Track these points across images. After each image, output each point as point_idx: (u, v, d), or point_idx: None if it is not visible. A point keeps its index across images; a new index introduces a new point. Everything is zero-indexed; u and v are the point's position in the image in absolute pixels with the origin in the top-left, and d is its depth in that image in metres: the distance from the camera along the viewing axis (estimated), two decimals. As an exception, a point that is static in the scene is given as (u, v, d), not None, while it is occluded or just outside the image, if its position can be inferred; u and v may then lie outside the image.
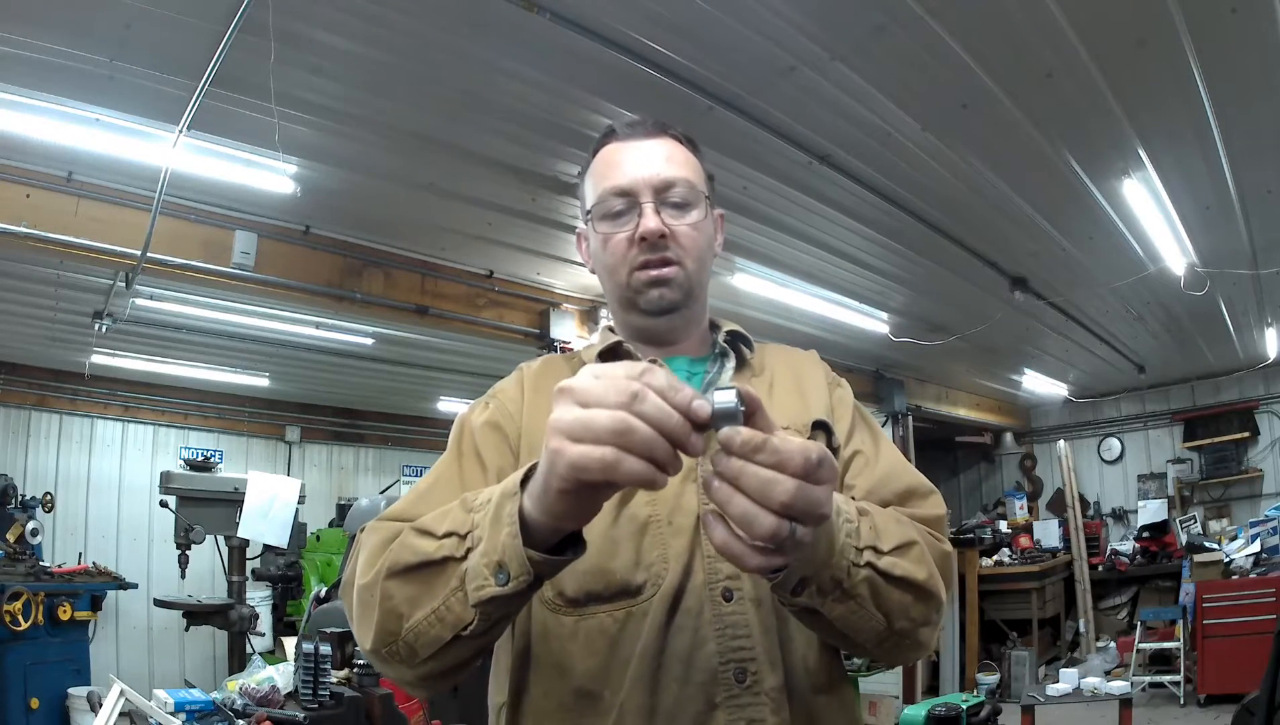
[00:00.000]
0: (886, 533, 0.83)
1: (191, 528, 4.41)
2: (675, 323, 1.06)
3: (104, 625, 5.88)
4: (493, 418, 1.01)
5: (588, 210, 1.07)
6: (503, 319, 4.98)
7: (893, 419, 7.52)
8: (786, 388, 1.07)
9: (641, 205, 1.01)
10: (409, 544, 0.78)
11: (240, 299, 4.76)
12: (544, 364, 1.12)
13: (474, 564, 0.72)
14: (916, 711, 3.95)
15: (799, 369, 1.12)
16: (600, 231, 1.05)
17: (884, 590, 0.81)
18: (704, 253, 1.06)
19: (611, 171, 1.04)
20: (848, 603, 0.79)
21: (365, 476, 8.67)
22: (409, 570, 0.77)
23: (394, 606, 0.78)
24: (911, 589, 0.83)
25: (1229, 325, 6.52)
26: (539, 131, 3.35)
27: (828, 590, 0.77)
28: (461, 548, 0.74)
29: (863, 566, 0.79)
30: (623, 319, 1.10)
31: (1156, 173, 3.86)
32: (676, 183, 1.02)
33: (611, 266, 1.04)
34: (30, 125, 3.00)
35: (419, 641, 0.77)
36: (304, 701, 2.55)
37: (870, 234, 4.52)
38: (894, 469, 1.02)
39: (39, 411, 6.59)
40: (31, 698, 4.54)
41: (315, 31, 2.69)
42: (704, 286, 1.09)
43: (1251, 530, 6.95)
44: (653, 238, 1.00)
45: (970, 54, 2.94)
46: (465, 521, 0.75)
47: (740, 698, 0.87)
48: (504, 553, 0.70)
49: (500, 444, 0.99)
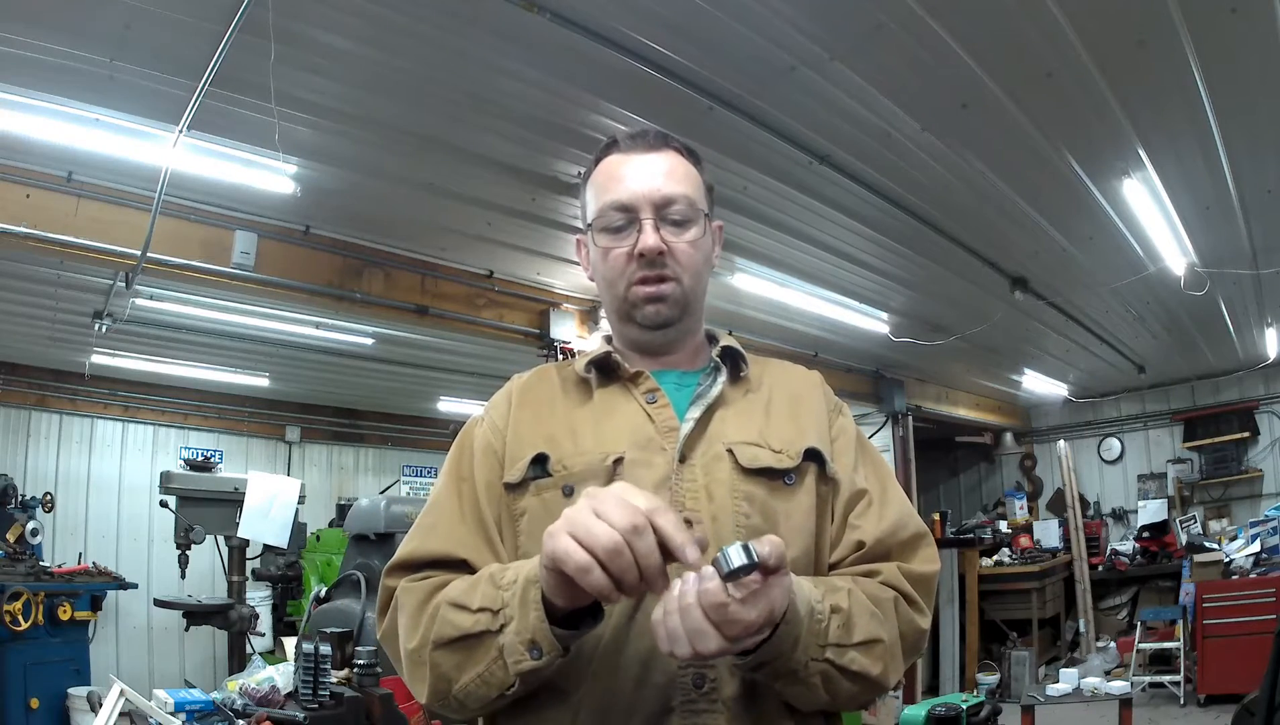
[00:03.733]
0: (858, 627, 0.88)
1: (191, 528, 4.40)
2: (670, 337, 1.09)
3: (104, 625, 5.87)
4: (485, 439, 1.06)
5: (589, 222, 1.09)
6: (503, 319, 4.98)
7: (893, 419, 7.51)
8: (782, 410, 1.07)
9: (641, 221, 1.03)
10: (448, 619, 0.88)
11: (240, 299, 4.76)
12: (534, 376, 1.14)
13: (510, 642, 0.83)
14: (916, 711, 3.95)
15: (798, 391, 1.11)
16: (600, 244, 1.07)
17: (836, 680, 0.87)
18: (701, 268, 1.08)
19: (613, 185, 1.06)
20: (797, 686, 0.86)
21: (365, 476, 8.67)
22: (452, 643, 0.88)
23: (443, 673, 0.89)
24: (863, 682, 0.89)
25: (1229, 325, 6.52)
26: (539, 131, 3.35)
27: (781, 675, 0.84)
28: (495, 623, 0.85)
29: (821, 661, 0.85)
30: (619, 329, 1.12)
31: (1156, 173, 3.86)
32: (676, 200, 1.04)
33: (610, 279, 1.07)
34: (30, 125, 3.01)
35: (469, 699, 0.89)
36: (304, 701, 2.54)
37: (870, 234, 4.52)
38: (902, 516, 1.03)
39: (39, 411, 6.59)
40: (31, 698, 4.53)
41: (315, 31, 2.69)
42: (700, 301, 1.11)
43: (1251, 530, 6.95)
44: (651, 255, 1.02)
45: (970, 54, 2.94)
46: (495, 598, 0.85)
47: (696, 704, 0.89)
48: (534, 632, 0.82)
49: (493, 464, 1.04)
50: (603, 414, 1.04)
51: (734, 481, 0.98)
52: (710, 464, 0.98)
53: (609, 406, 1.05)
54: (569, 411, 1.05)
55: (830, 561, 1.01)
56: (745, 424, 1.03)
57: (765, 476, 0.98)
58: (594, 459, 0.98)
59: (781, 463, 0.99)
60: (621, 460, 0.97)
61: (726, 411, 1.04)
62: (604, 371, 1.08)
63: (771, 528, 0.95)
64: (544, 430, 1.03)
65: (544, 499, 0.98)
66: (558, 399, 1.08)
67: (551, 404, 1.07)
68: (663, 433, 1.01)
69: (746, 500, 0.97)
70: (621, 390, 1.06)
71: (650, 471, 0.97)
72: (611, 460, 0.97)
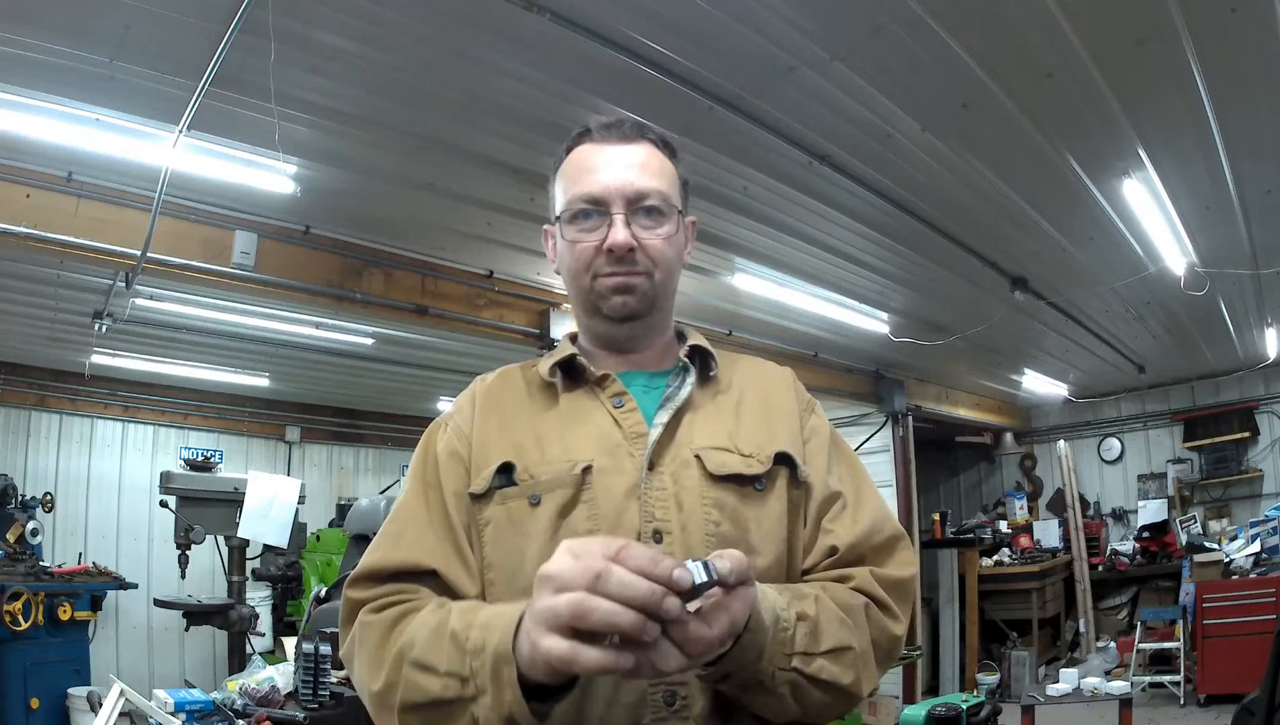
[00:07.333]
0: (826, 634, 0.86)
1: (191, 528, 4.41)
2: (637, 331, 1.05)
3: (104, 625, 5.88)
4: (450, 445, 1.02)
5: (557, 213, 1.06)
6: (503, 319, 4.98)
7: (892, 419, 7.51)
8: (753, 411, 1.03)
9: (612, 215, 0.99)
10: (414, 682, 0.83)
11: (240, 299, 4.76)
12: (498, 378, 1.10)
13: (485, 715, 0.78)
14: (916, 711, 3.96)
15: (769, 391, 1.08)
16: (568, 237, 1.03)
17: (806, 690, 0.85)
18: (672, 264, 1.04)
19: (583, 176, 1.02)
20: (766, 697, 0.83)
21: (365, 476, 8.67)
22: (421, 707, 0.83)
23: None
24: (834, 691, 0.87)
25: (1229, 325, 6.52)
26: (539, 131, 3.35)
27: (749, 687, 0.82)
28: (466, 690, 0.80)
29: (788, 670, 0.83)
30: (585, 323, 1.09)
31: (1156, 173, 3.85)
32: (650, 194, 1.01)
33: (575, 272, 1.03)
34: (30, 125, 3.00)
35: None
36: (304, 701, 2.55)
37: (870, 234, 4.52)
38: (877, 520, 1.00)
39: (39, 411, 6.59)
40: (31, 698, 4.54)
41: (315, 31, 2.69)
42: (669, 297, 1.07)
43: (1251, 530, 6.95)
44: (620, 251, 0.99)
45: (970, 54, 2.93)
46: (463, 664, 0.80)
47: (667, 721, 0.87)
48: (512, 709, 0.76)
49: (459, 471, 1.00)
50: (569, 420, 1.00)
51: (703, 489, 0.94)
52: (679, 471, 0.95)
53: (575, 412, 1.01)
54: (535, 417, 1.02)
55: (803, 567, 0.98)
56: (715, 428, 1.00)
57: (735, 483, 0.95)
58: (561, 468, 0.95)
59: (751, 468, 0.96)
60: (590, 468, 0.94)
61: (695, 415, 1.01)
62: (570, 374, 1.05)
63: (742, 535, 0.93)
64: (510, 437, 1.00)
65: (509, 508, 0.95)
66: (523, 403, 1.04)
67: (516, 409, 1.04)
68: (630, 439, 0.97)
69: (716, 508, 0.94)
70: (588, 394, 1.03)
71: (620, 479, 0.94)
72: (580, 469, 0.94)
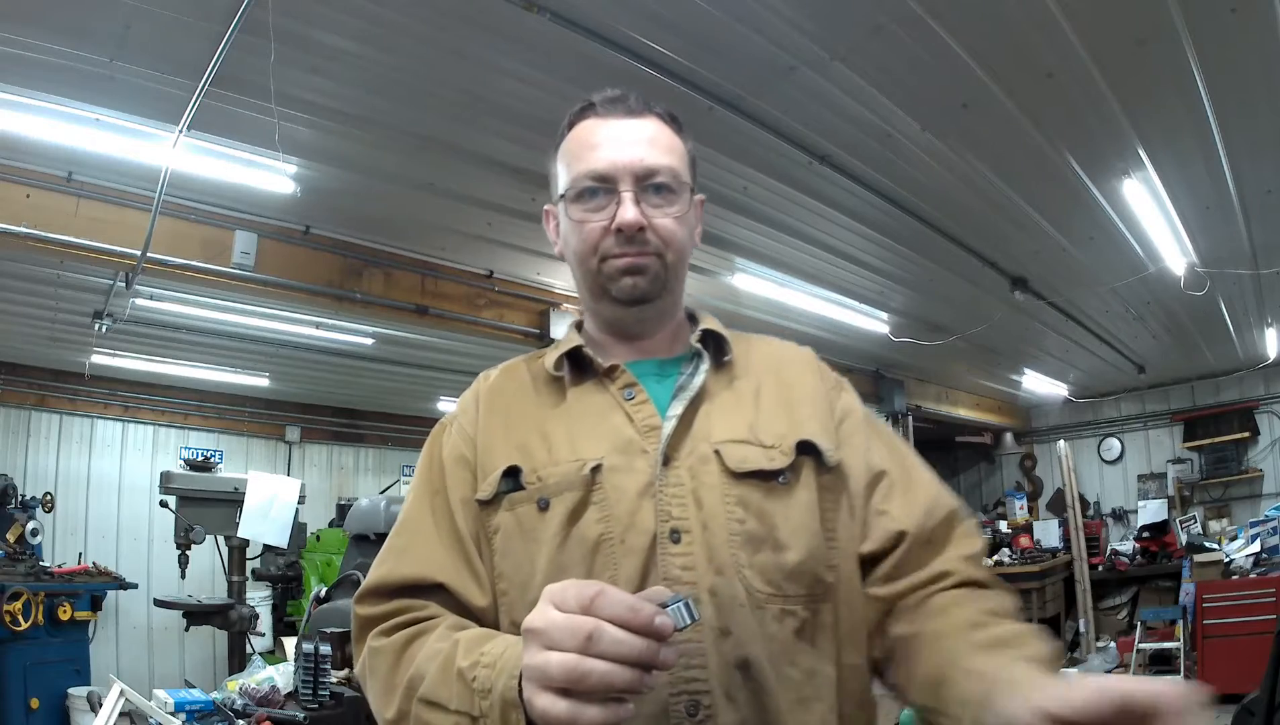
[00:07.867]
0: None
1: (191, 528, 4.40)
2: (647, 314, 0.99)
3: (104, 625, 5.88)
4: (455, 449, 0.99)
5: (561, 193, 0.99)
6: (503, 319, 4.99)
7: (893, 419, 7.52)
8: (774, 397, 0.97)
9: (620, 193, 0.93)
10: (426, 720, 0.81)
11: (240, 299, 4.76)
12: (502, 374, 1.05)
13: None
14: (916, 711, 3.95)
15: (790, 375, 1.02)
16: (573, 217, 0.97)
17: None
18: (684, 245, 0.98)
19: (588, 153, 0.97)
20: None
21: (365, 476, 8.67)
22: None
23: None
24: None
25: (1229, 325, 6.52)
26: (539, 131, 3.34)
27: None
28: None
29: None
30: (593, 308, 1.03)
31: (1156, 173, 3.86)
32: (659, 171, 0.95)
33: (582, 254, 0.97)
34: (30, 125, 3.01)
35: None
36: (304, 701, 2.55)
37: (870, 234, 4.52)
38: (931, 494, 0.97)
39: (39, 411, 6.59)
40: (31, 698, 4.53)
41: (315, 31, 2.69)
42: (680, 280, 1.01)
43: (1251, 530, 6.95)
44: (630, 231, 0.93)
45: (970, 54, 2.94)
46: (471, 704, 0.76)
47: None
48: None
49: (465, 476, 0.96)
50: (577, 416, 0.95)
51: (724, 485, 0.89)
52: (697, 467, 0.90)
53: (584, 407, 0.96)
54: (541, 414, 0.97)
55: (864, 552, 0.94)
56: (733, 419, 0.94)
57: (758, 478, 0.90)
58: (570, 469, 0.90)
59: (773, 462, 0.91)
60: (600, 468, 0.90)
61: (711, 405, 0.95)
62: (576, 366, 0.99)
63: (769, 533, 0.89)
64: (515, 438, 0.95)
65: (517, 514, 0.91)
66: (529, 400, 0.99)
67: (522, 407, 0.99)
68: (643, 433, 0.92)
69: (740, 505, 0.89)
70: (597, 387, 0.97)
71: (632, 477, 0.89)
72: (589, 469, 0.89)
